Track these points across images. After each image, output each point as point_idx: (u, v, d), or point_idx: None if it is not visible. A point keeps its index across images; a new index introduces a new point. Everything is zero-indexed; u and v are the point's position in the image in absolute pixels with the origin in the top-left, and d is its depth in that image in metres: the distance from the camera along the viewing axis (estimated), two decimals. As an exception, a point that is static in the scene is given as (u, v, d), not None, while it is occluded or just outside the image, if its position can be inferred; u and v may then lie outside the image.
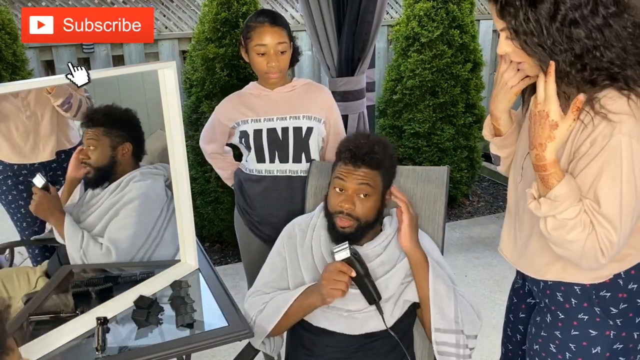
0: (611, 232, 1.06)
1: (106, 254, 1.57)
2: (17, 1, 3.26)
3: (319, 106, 1.92)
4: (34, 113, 1.65)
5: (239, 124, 1.90)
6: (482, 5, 4.54)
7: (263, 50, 1.79)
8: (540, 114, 1.08)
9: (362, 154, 1.45)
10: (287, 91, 1.91)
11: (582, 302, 1.22)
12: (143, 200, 1.64)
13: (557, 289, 1.25)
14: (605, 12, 1.02)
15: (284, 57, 1.82)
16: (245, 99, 1.92)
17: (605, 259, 1.08)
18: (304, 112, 1.88)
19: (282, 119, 1.87)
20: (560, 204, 1.07)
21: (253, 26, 1.80)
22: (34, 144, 1.67)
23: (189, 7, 3.70)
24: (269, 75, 1.84)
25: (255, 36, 1.79)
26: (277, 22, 1.80)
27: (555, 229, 1.09)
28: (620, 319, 1.21)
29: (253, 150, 1.89)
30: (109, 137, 1.61)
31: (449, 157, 3.71)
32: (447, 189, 1.71)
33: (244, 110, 1.90)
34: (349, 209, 1.46)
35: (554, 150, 1.08)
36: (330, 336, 1.50)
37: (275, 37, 1.78)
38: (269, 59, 1.80)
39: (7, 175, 1.67)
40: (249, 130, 1.88)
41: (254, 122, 1.88)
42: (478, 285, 3.00)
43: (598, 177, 1.06)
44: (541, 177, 1.10)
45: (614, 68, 1.04)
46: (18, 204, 1.68)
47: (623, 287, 1.19)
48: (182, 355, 1.46)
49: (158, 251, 1.67)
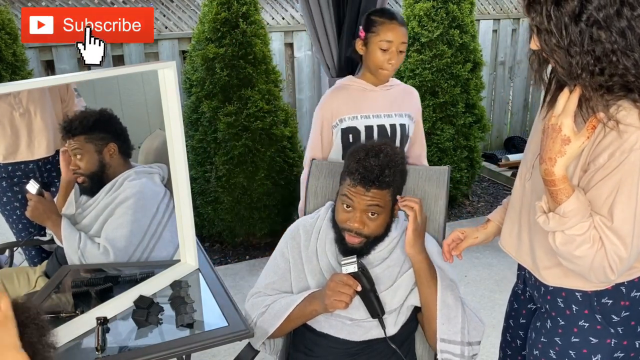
0: (620, 248, 1.04)
1: (104, 254, 1.57)
2: (17, 1, 3.26)
3: (414, 104, 2.03)
4: (27, 110, 1.64)
5: (343, 119, 1.94)
6: (482, 5, 4.53)
7: (387, 46, 1.85)
8: (553, 127, 1.06)
9: (372, 178, 1.40)
10: (387, 89, 1.98)
11: (583, 309, 1.21)
12: (138, 198, 1.64)
13: (558, 295, 1.24)
14: (630, 14, 0.98)
15: (401, 57, 1.89)
16: (350, 93, 1.97)
17: (614, 275, 1.07)
18: (404, 110, 1.98)
19: (388, 116, 1.95)
20: (568, 220, 1.05)
21: (381, 21, 1.86)
22: (28, 140, 1.66)
23: (189, 7, 3.70)
24: (382, 72, 1.90)
25: (382, 31, 1.85)
26: (403, 24, 1.88)
27: (564, 244, 1.08)
28: (622, 327, 1.19)
29: None
30: (92, 143, 1.61)
31: (449, 157, 3.71)
32: (448, 189, 1.71)
33: (352, 105, 1.95)
34: (358, 228, 1.45)
35: (563, 165, 1.05)
36: (333, 339, 1.50)
37: (401, 36, 1.86)
38: (391, 56, 1.86)
39: (2, 177, 1.67)
40: (360, 127, 1.93)
41: (363, 118, 1.94)
42: (478, 285, 3.00)
43: (614, 192, 1.04)
44: (550, 192, 1.08)
45: (628, 76, 1.01)
46: (13, 206, 1.68)
47: (625, 294, 1.17)
48: (182, 355, 1.46)
49: (157, 250, 1.67)
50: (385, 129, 1.94)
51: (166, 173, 1.69)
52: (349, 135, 1.94)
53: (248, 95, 3.08)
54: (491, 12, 4.60)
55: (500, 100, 4.91)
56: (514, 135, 5.00)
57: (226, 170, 3.13)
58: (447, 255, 1.46)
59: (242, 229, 3.32)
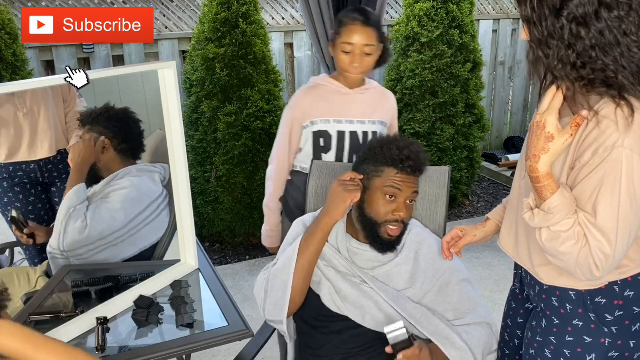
0: (605, 245, 1.05)
1: (80, 229, 1.57)
2: (17, 1, 3.26)
3: (388, 109, 1.95)
4: (30, 110, 1.65)
5: (315, 122, 1.86)
6: (482, 6, 4.54)
7: (349, 49, 1.77)
8: (537, 125, 1.08)
9: (419, 164, 1.45)
10: (362, 93, 1.90)
11: (577, 308, 1.21)
12: (131, 191, 1.66)
13: (553, 294, 1.25)
14: (608, 15, 1.01)
15: (368, 60, 1.80)
16: (324, 94, 1.88)
17: (599, 272, 1.07)
18: (378, 117, 1.90)
19: (361, 122, 1.87)
20: (553, 216, 1.07)
21: (345, 22, 1.78)
22: (31, 141, 1.67)
23: (189, 7, 3.70)
24: (349, 76, 1.83)
25: (344, 33, 1.77)
26: (369, 23, 1.77)
27: (549, 240, 1.09)
28: (616, 326, 1.19)
29: (334, 152, 1.87)
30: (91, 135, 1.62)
31: (449, 157, 3.71)
32: (449, 189, 1.71)
33: (325, 107, 1.86)
34: (405, 217, 1.46)
35: (547, 162, 1.07)
36: (338, 337, 1.49)
37: (364, 38, 1.76)
38: (354, 59, 1.78)
39: (3, 178, 1.67)
40: (332, 131, 1.86)
41: (336, 122, 1.86)
42: (478, 285, 2.98)
43: (597, 188, 1.05)
44: (535, 188, 1.10)
45: (607, 72, 1.03)
46: (14, 207, 1.68)
47: (619, 294, 1.18)
48: (182, 355, 1.46)
49: (129, 242, 1.68)
50: (357, 136, 1.87)
51: (167, 173, 1.69)
52: (320, 139, 1.87)
53: (248, 95, 3.08)
54: (491, 12, 4.60)
55: (500, 100, 4.91)
56: (513, 135, 5.00)
57: (226, 170, 3.13)
58: (446, 252, 1.47)
59: (242, 229, 3.32)
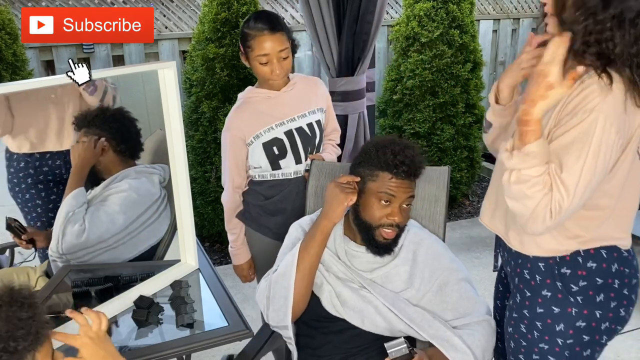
0: (564, 198, 1.12)
1: (79, 233, 1.57)
2: (17, 1, 3.26)
3: (320, 95, 1.93)
4: (59, 99, 1.63)
5: (259, 135, 1.82)
6: (482, 6, 4.53)
7: (265, 59, 1.72)
8: (539, 73, 1.12)
9: (414, 169, 1.44)
10: (291, 89, 1.86)
11: (546, 279, 1.28)
12: (131, 194, 1.66)
13: (524, 266, 1.31)
14: None
15: (286, 62, 1.77)
16: (256, 105, 1.84)
17: (551, 222, 1.13)
18: (314, 105, 1.89)
19: (302, 116, 1.86)
20: (530, 160, 1.12)
21: (252, 35, 1.72)
22: (58, 129, 1.65)
23: (189, 7, 3.70)
24: (273, 83, 1.80)
25: (256, 46, 1.72)
26: (276, 29, 1.72)
27: (517, 182, 1.14)
28: (581, 296, 1.25)
29: (291, 153, 1.85)
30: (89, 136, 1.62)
31: (449, 157, 3.71)
32: (448, 189, 1.71)
33: (263, 117, 1.82)
34: (400, 221, 1.46)
35: (542, 109, 1.12)
36: (338, 336, 1.49)
37: (277, 45, 1.71)
38: (273, 67, 1.74)
39: (28, 173, 1.65)
40: (280, 135, 1.82)
41: (279, 126, 1.82)
42: (478, 285, 2.97)
43: (569, 145, 1.12)
44: (521, 131, 1.14)
45: (609, 44, 1.10)
46: (35, 204, 1.67)
47: (582, 264, 1.25)
48: (182, 355, 1.46)
49: (129, 245, 1.68)
50: (304, 130, 1.84)
51: (167, 174, 1.69)
52: (273, 147, 1.82)
53: (248, 95, 3.07)
54: (491, 12, 4.60)
55: (500, 100, 4.90)
56: (514, 135, 4.99)
57: (226, 170, 3.13)
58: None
59: (242, 229, 3.31)
